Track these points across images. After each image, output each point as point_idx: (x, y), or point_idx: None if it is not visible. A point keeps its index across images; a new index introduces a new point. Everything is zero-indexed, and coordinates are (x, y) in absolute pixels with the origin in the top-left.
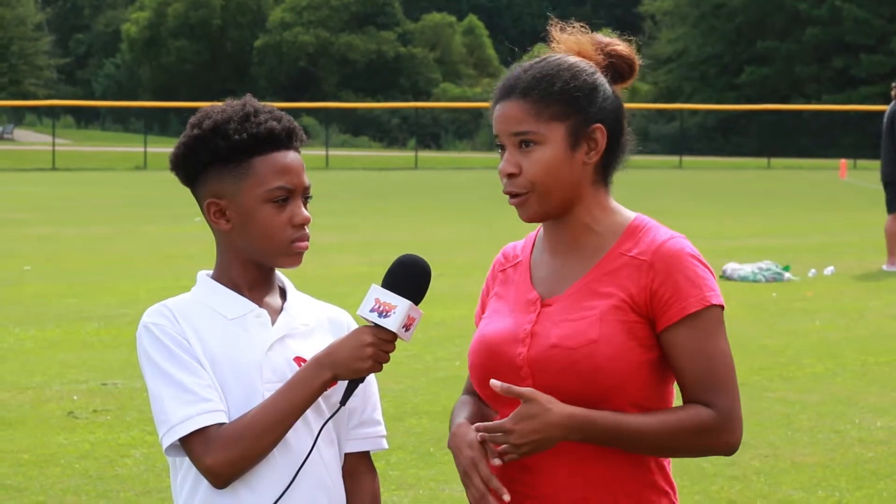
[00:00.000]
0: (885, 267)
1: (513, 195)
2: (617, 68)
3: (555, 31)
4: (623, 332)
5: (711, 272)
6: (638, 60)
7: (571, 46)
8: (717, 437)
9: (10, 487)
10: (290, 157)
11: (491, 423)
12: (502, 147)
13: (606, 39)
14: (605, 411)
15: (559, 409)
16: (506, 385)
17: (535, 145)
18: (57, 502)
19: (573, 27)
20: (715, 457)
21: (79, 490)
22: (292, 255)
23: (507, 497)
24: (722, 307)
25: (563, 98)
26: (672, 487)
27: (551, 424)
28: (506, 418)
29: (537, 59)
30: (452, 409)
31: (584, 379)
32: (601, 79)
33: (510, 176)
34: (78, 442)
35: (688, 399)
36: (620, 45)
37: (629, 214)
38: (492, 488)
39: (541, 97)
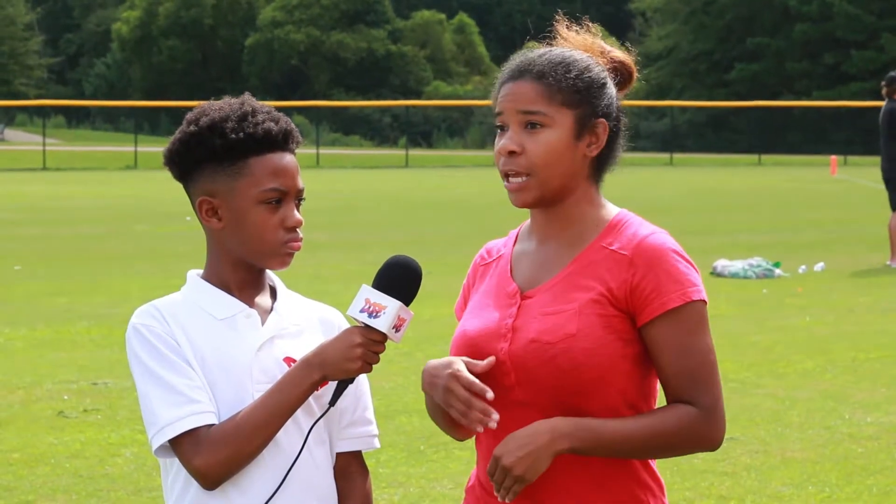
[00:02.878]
0: (889, 263)
1: (511, 175)
2: (619, 73)
3: (562, 28)
4: (602, 326)
5: (694, 268)
6: (636, 69)
7: (579, 45)
8: (699, 434)
9: (0, 487)
10: (286, 159)
11: (488, 467)
12: (501, 128)
13: (607, 46)
14: (587, 420)
15: (542, 425)
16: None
17: (542, 127)
18: (47, 502)
19: (581, 27)
20: (705, 453)
21: (69, 489)
22: (282, 257)
23: (490, 395)
24: (704, 302)
25: (576, 86)
26: (659, 484)
27: (535, 434)
28: (496, 448)
29: (550, 48)
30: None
31: (563, 373)
32: (609, 79)
33: (511, 154)
34: (68, 441)
35: (670, 395)
36: (620, 53)
37: (613, 209)
38: (475, 392)
39: (556, 81)
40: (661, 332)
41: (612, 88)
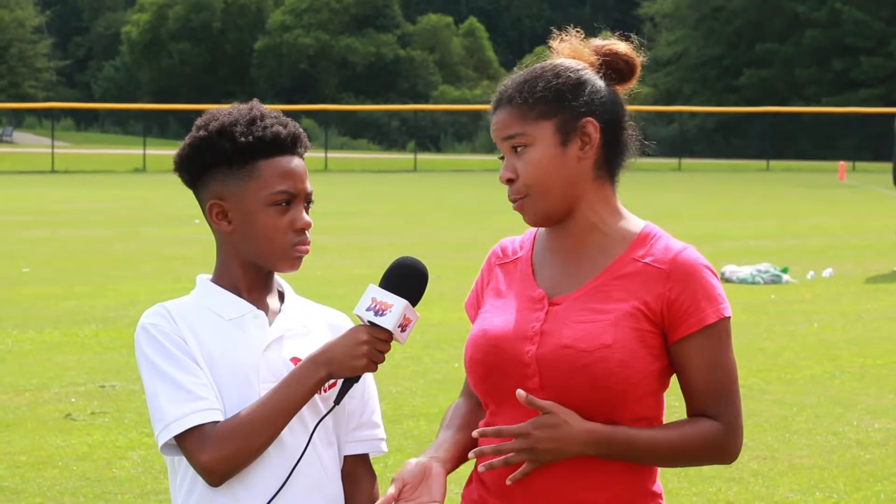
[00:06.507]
0: None
1: (514, 201)
2: (613, 66)
3: (554, 42)
4: (635, 340)
5: (720, 283)
6: (638, 58)
7: (568, 53)
8: (720, 448)
9: (8, 489)
10: (295, 162)
11: (508, 426)
12: (503, 159)
13: (603, 42)
14: (619, 426)
15: (578, 423)
16: (529, 396)
17: (526, 147)
18: None
19: (571, 34)
20: None
21: (76, 492)
22: (292, 260)
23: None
24: (730, 318)
25: (545, 97)
26: (660, 491)
27: (569, 437)
28: (525, 422)
29: (524, 69)
30: (445, 414)
31: (595, 382)
32: (588, 75)
33: (509, 182)
34: (76, 444)
35: (693, 409)
36: (618, 45)
37: (639, 221)
38: None
39: (524, 100)
40: (695, 347)
41: (593, 85)
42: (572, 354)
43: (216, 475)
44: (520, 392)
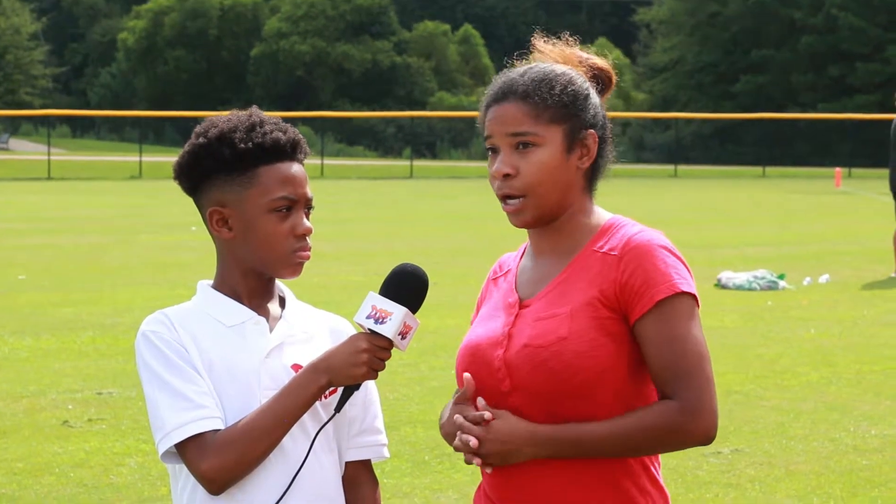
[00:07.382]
0: (893, 274)
1: (508, 198)
2: (600, 80)
3: (539, 42)
4: (594, 329)
5: (684, 263)
6: (615, 74)
7: (557, 58)
8: (682, 429)
9: (5, 496)
10: (295, 168)
11: (470, 425)
12: (493, 150)
13: (585, 54)
14: (567, 424)
15: (523, 426)
16: (486, 408)
17: (533, 147)
18: None
19: (558, 39)
20: (710, 464)
21: (73, 499)
22: (293, 266)
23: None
24: (693, 296)
25: (561, 101)
26: (662, 494)
27: (514, 438)
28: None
29: (530, 66)
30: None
31: (554, 376)
32: (591, 88)
33: (505, 177)
34: (73, 451)
35: (658, 391)
36: (598, 59)
37: (605, 215)
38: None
39: (541, 99)
40: (650, 325)
41: (595, 97)
42: (531, 352)
43: (216, 484)
44: (480, 401)
